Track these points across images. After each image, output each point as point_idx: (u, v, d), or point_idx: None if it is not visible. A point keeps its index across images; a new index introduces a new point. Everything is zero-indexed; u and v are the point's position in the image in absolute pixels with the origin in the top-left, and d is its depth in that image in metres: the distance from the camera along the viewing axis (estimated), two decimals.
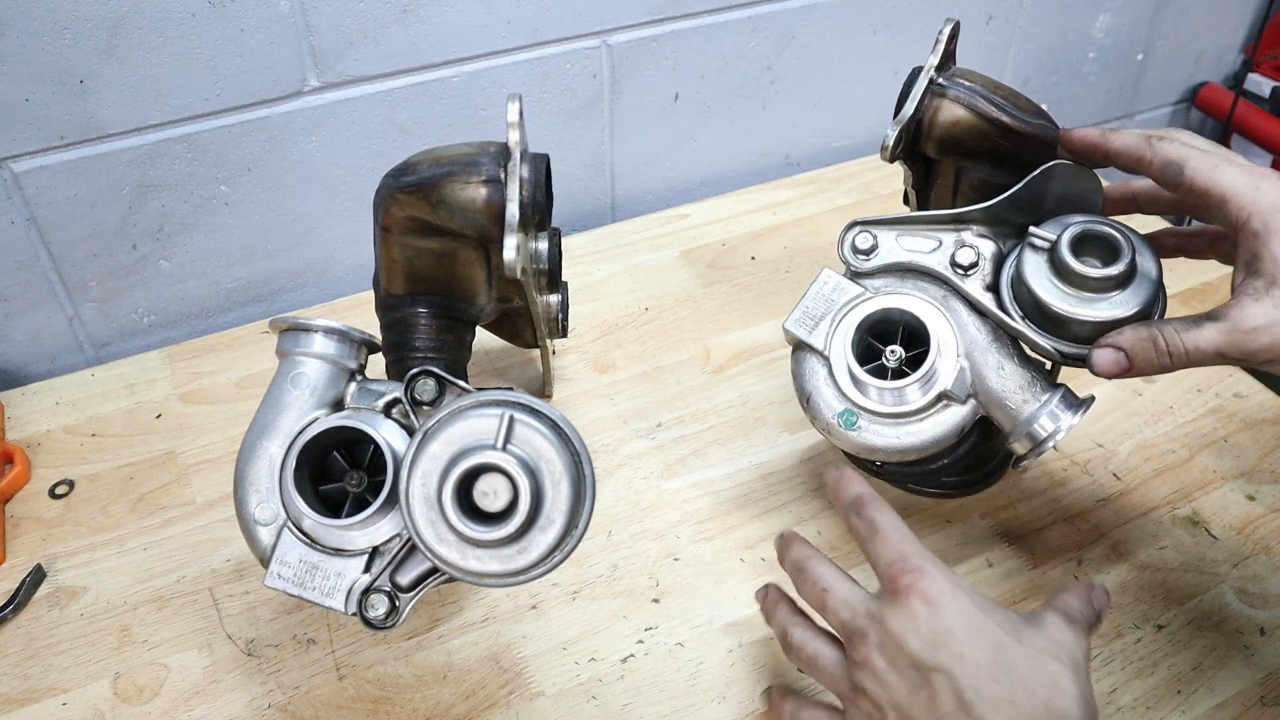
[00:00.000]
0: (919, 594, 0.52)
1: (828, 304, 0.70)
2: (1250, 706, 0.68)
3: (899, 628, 0.52)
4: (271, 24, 0.89)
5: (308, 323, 0.60)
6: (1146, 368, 0.60)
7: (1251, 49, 1.53)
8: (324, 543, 0.58)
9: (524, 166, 0.71)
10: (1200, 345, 0.57)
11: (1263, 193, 0.56)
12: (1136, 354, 0.60)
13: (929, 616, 0.51)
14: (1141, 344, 0.60)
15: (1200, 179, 0.58)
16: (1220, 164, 0.58)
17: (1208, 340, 0.57)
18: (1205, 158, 0.58)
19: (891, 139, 0.72)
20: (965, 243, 0.69)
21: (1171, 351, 0.58)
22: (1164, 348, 0.58)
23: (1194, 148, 0.60)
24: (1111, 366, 0.61)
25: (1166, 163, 0.59)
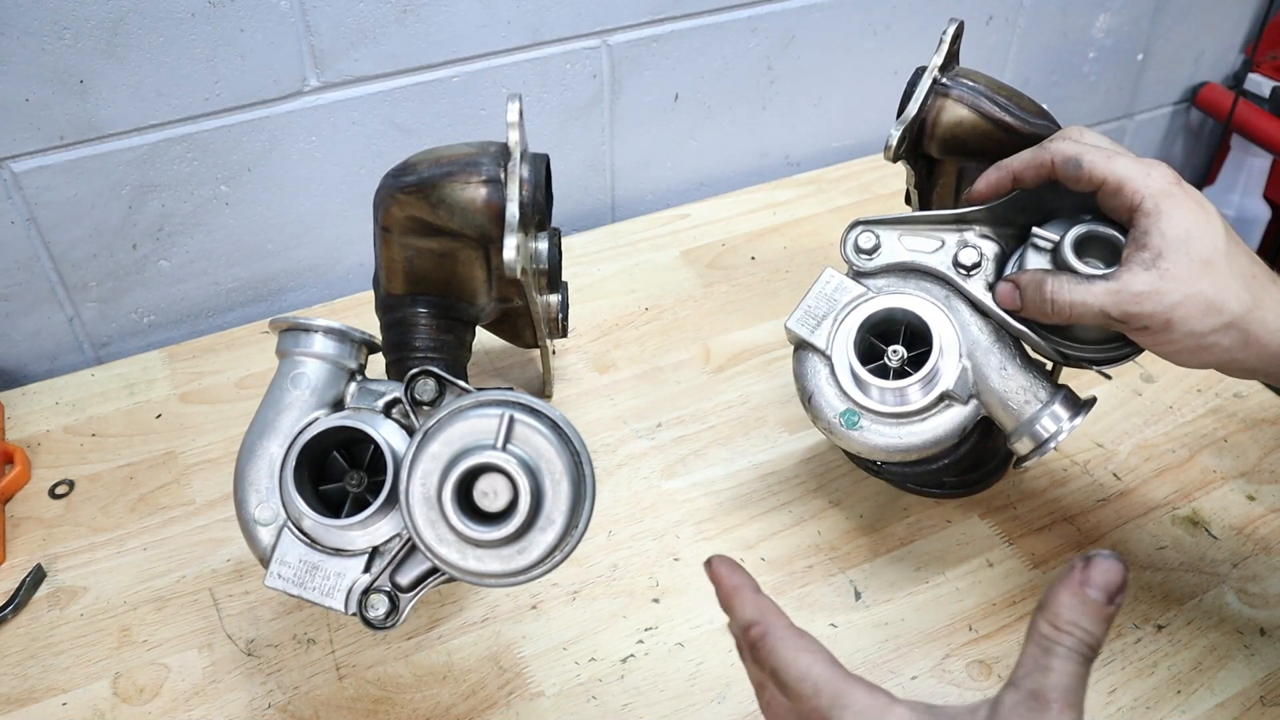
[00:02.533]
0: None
1: (830, 303, 0.70)
2: (1250, 706, 0.68)
3: None
4: (271, 24, 0.89)
5: (308, 323, 0.60)
6: (1031, 309, 0.64)
7: (1251, 49, 1.53)
8: (324, 543, 0.58)
9: (524, 166, 0.71)
10: (1087, 300, 0.61)
11: (1153, 179, 0.61)
12: (1026, 292, 0.64)
13: None
14: (1032, 285, 0.63)
15: (1098, 170, 0.62)
16: (1113, 155, 0.62)
17: (1095, 296, 0.60)
18: (1098, 151, 0.63)
19: (895, 139, 0.72)
20: (968, 243, 0.69)
21: (1055, 300, 0.62)
22: (1047, 294, 0.62)
23: (1086, 144, 0.64)
24: (1006, 299, 0.65)
25: (1065, 159, 0.63)
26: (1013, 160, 0.66)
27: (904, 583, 0.75)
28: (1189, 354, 0.61)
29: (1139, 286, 0.59)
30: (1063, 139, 0.65)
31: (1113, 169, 0.62)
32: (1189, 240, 0.59)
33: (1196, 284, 0.59)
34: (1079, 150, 0.63)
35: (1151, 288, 0.59)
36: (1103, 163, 0.62)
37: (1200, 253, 0.59)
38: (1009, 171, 0.66)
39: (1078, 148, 0.63)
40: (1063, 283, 0.62)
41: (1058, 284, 0.62)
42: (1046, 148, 0.64)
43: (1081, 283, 0.61)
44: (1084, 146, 0.63)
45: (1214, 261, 0.59)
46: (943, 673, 0.69)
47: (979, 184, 0.68)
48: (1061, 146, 0.64)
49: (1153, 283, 0.59)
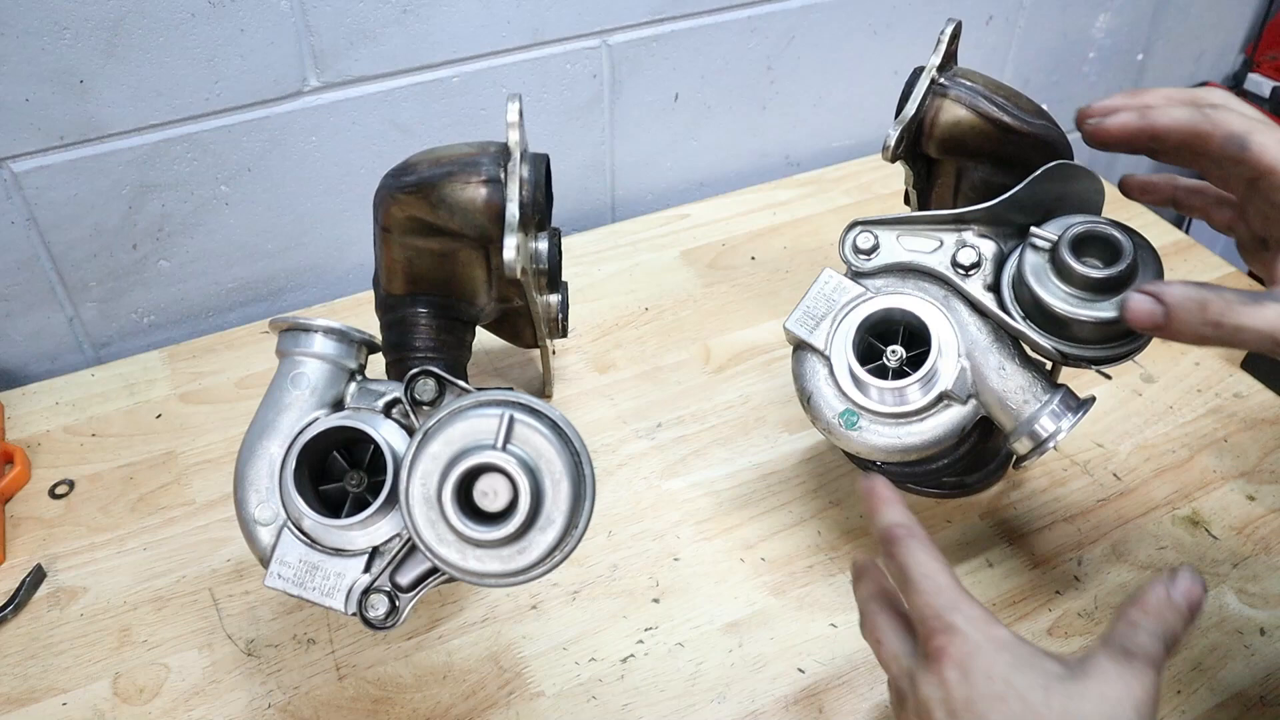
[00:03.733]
0: (949, 658, 0.49)
1: (829, 304, 0.70)
2: (1250, 706, 0.68)
3: (927, 695, 0.49)
4: (271, 24, 0.89)
5: (308, 323, 0.60)
6: (1184, 332, 0.53)
7: (1251, 49, 1.53)
8: (324, 543, 0.58)
9: (524, 166, 0.71)
10: (1257, 325, 0.51)
11: None
12: (1179, 313, 0.53)
13: (956, 684, 0.48)
14: (1189, 304, 0.52)
15: (1267, 156, 0.53)
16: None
17: (1266, 320, 0.51)
18: (1269, 132, 0.54)
19: (893, 139, 0.72)
20: (966, 243, 0.69)
21: (1221, 323, 0.52)
22: (1213, 316, 0.52)
23: (1253, 119, 0.55)
24: (1145, 317, 0.54)
25: (1229, 136, 0.54)
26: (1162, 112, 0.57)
27: None
28: None
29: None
30: (1223, 109, 0.55)
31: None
32: None
33: None
34: (1246, 128, 0.54)
35: None
36: (1274, 148, 0.53)
37: None
38: (1151, 126, 0.57)
39: (1245, 124, 0.54)
40: (1227, 303, 0.52)
41: (1223, 304, 0.52)
42: (1210, 115, 0.55)
43: (1249, 303, 0.52)
44: (1252, 124, 0.54)
45: None
46: None
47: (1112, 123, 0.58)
48: (1227, 119, 0.55)
49: None
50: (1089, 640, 0.71)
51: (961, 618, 0.50)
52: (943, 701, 0.48)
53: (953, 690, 0.48)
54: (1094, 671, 0.48)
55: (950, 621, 0.50)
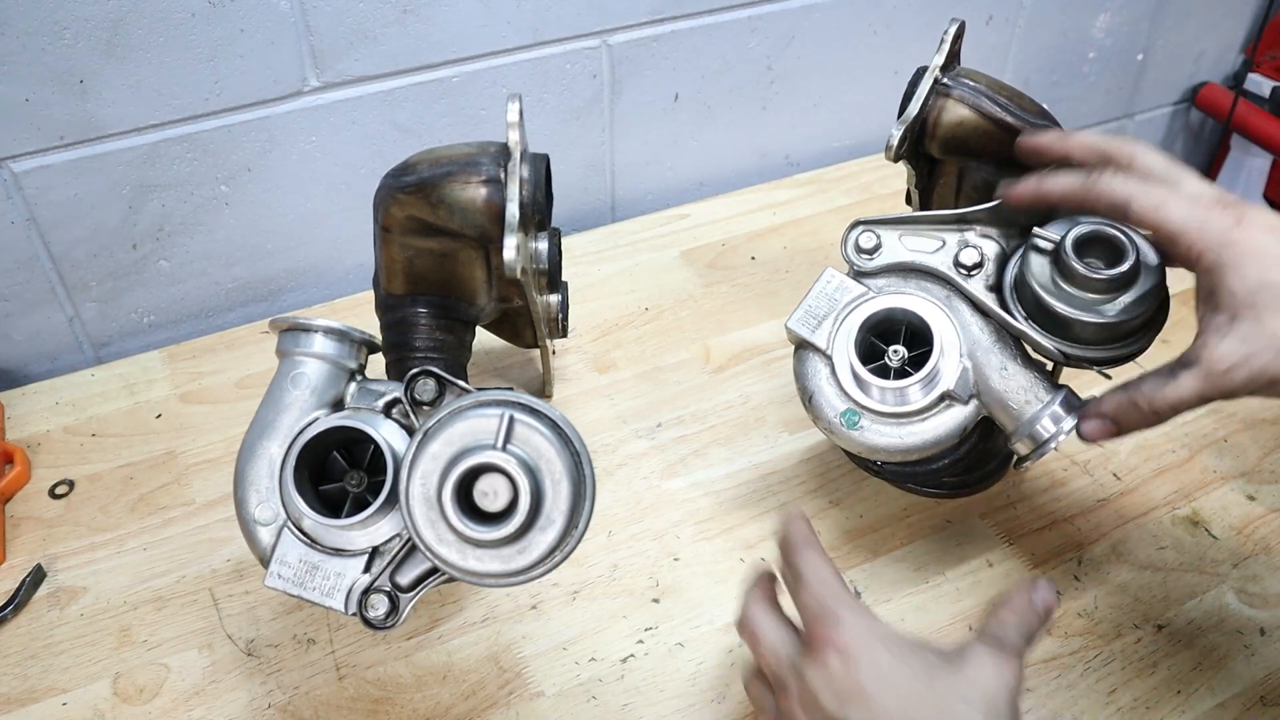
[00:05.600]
0: (833, 646, 0.51)
1: (831, 303, 0.70)
2: (1250, 706, 0.68)
3: (814, 682, 0.51)
4: (271, 24, 0.88)
5: (308, 323, 0.60)
6: (1136, 427, 0.60)
7: (1251, 49, 1.53)
8: (324, 543, 0.58)
9: (524, 166, 0.71)
10: (1182, 396, 0.57)
11: (1209, 227, 0.55)
12: (1121, 418, 0.61)
13: (842, 671, 0.50)
14: (1123, 408, 0.60)
15: (1147, 218, 0.57)
16: (1165, 199, 0.57)
17: (1188, 389, 0.57)
18: (1149, 194, 0.57)
19: (896, 138, 0.72)
20: (969, 243, 0.69)
21: (1156, 409, 0.58)
22: (1146, 408, 0.59)
23: (1137, 181, 0.58)
24: (1099, 433, 0.62)
25: (1111, 203, 0.59)
26: (1055, 183, 0.62)
27: (904, 583, 0.75)
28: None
29: (1225, 360, 0.55)
30: (1109, 174, 0.60)
31: (1164, 219, 0.57)
32: (1263, 288, 0.54)
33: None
34: (1127, 194, 0.58)
35: (1238, 355, 0.55)
36: (1152, 211, 0.57)
37: None
38: (1047, 194, 0.62)
39: (1126, 189, 0.58)
40: (1151, 391, 0.58)
41: (1147, 395, 0.58)
42: (1095, 185, 0.59)
43: (1167, 382, 0.58)
44: (1132, 189, 0.58)
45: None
46: None
47: (1015, 190, 0.64)
48: (1110, 187, 0.59)
49: (1236, 349, 0.55)
50: (1089, 640, 0.71)
51: (847, 610, 0.52)
52: (830, 688, 0.50)
53: (840, 676, 0.50)
54: (971, 660, 0.51)
55: (837, 612, 0.52)
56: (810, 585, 0.54)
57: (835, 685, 0.50)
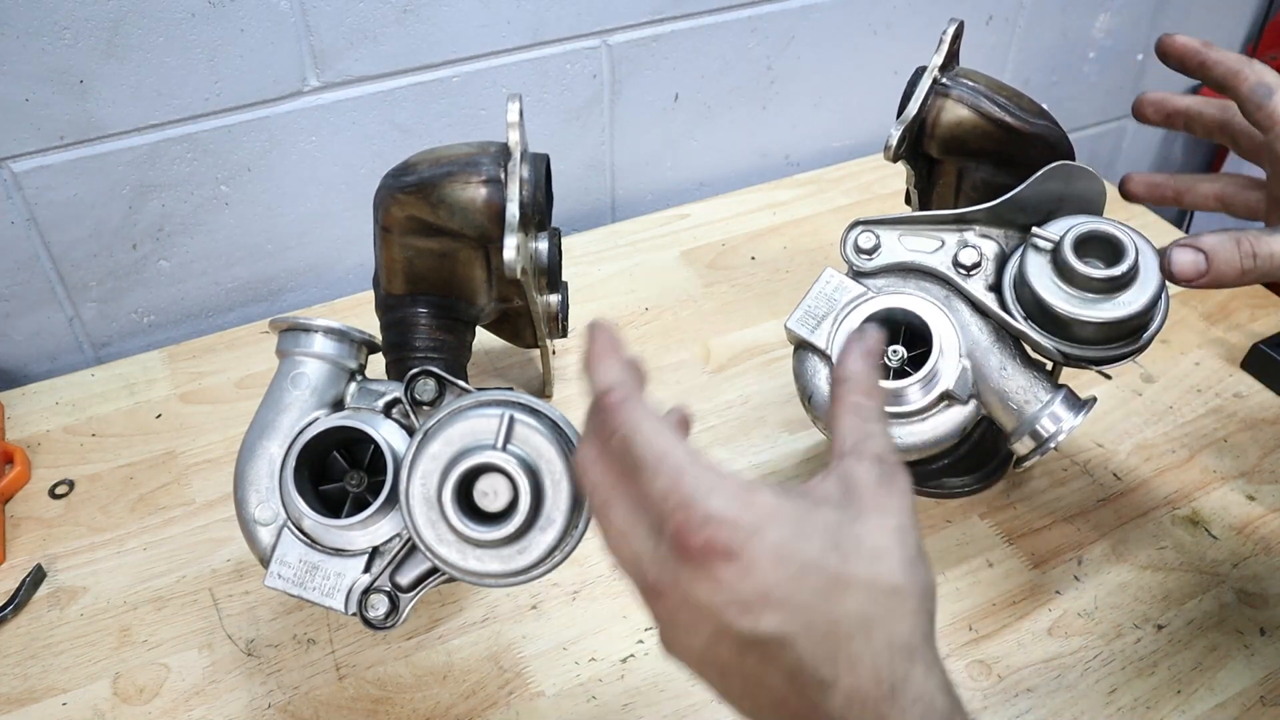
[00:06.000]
0: (719, 554, 0.40)
1: (830, 303, 0.70)
2: (1250, 706, 0.68)
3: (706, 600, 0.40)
4: (271, 24, 0.88)
5: (308, 323, 0.60)
6: (1228, 271, 0.59)
7: (1251, 49, 1.53)
8: (324, 543, 0.58)
9: (524, 166, 0.71)
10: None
11: None
12: (1219, 255, 0.59)
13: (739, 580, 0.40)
14: (1224, 245, 0.59)
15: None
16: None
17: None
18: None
19: (895, 139, 0.72)
20: (968, 243, 0.69)
21: (1257, 253, 0.58)
22: (1249, 249, 0.58)
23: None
24: (1189, 268, 0.59)
25: (1260, 83, 0.60)
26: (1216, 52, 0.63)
27: None
28: None
29: None
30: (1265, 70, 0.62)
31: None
32: None
33: None
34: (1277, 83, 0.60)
35: None
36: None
37: None
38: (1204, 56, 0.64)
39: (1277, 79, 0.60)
40: (1258, 236, 0.59)
41: (1254, 238, 0.59)
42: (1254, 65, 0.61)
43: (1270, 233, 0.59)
44: None
45: None
46: None
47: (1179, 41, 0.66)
48: (1263, 70, 0.61)
49: None
50: (1089, 640, 0.71)
51: (719, 500, 0.40)
52: (730, 604, 0.40)
53: (738, 588, 0.40)
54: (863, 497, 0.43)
55: (707, 510, 0.40)
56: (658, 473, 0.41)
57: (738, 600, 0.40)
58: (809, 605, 0.40)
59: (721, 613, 0.40)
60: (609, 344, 0.47)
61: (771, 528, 0.40)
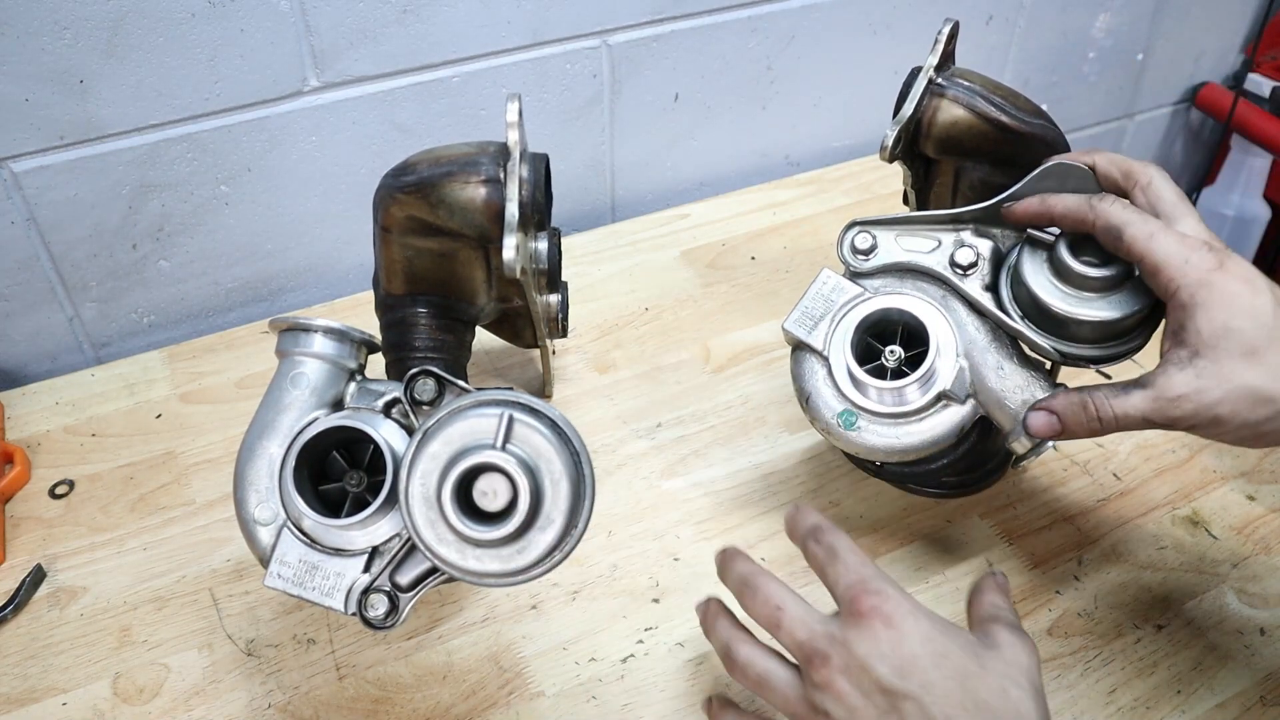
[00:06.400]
0: (882, 617, 0.52)
1: (827, 304, 0.70)
2: (1250, 706, 0.68)
3: (865, 651, 0.51)
4: (271, 24, 0.89)
5: (307, 323, 0.60)
6: (1078, 430, 0.62)
7: (1251, 49, 1.53)
8: (324, 543, 0.58)
9: (524, 166, 0.71)
10: (1128, 411, 0.59)
11: (1192, 266, 0.58)
12: (1067, 417, 0.62)
13: (894, 641, 0.51)
14: (1072, 408, 0.62)
15: (1136, 247, 0.60)
16: (1156, 232, 0.59)
17: (1135, 407, 0.59)
18: (1143, 224, 0.60)
19: (890, 139, 0.72)
20: (964, 242, 0.69)
21: (1101, 417, 0.60)
22: (1093, 413, 0.61)
23: (1134, 211, 0.61)
24: (1044, 428, 0.63)
25: (1107, 226, 0.61)
26: (1058, 202, 0.64)
27: (904, 582, 0.75)
28: (1250, 441, 0.58)
29: (1177, 390, 0.57)
30: (1110, 200, 0.62)
31: (1151, 249, 0.59)
32: (1228, 333, 0.56)
33: (1240, 378, 0.56)
34: (1123, 220, 0.60)
35: (1190, 389, 0.57)
36: (1143, 240, 0.59)
37: (1241, 344, 0.56)
38: (1049, 211, 0.65)
39: (1123, 217, 0.61)
40: (1102, 399, 0.60)
41: (1098, 402, 0.60)
42: (1095, 207, 0.62)
43: (1119, 395, 0.60)
44: (1130, 215, 0.60)
45: (1259, 350, 0.56)
46: None
47: (1019, 208, 0.66)
48: (1108, 211, 0.61)
49: (1189, 383, 0.57)
50: (1089, 640, 0.71)
51: (888, 584, 0.54)
52: (885, 657, 0.50)
53: (892, 646, 0.51)
54: (1002, 641, 0.55)
55: (879, 586, 0.53)
56: (847, 560, 0.55)
57: (887, 655, 0.50)
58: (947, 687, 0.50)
59: (872, 664, 0.50)
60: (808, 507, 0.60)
61: (924, 618, 0.52)
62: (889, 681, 0.50)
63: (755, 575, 0.58)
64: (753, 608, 0.57)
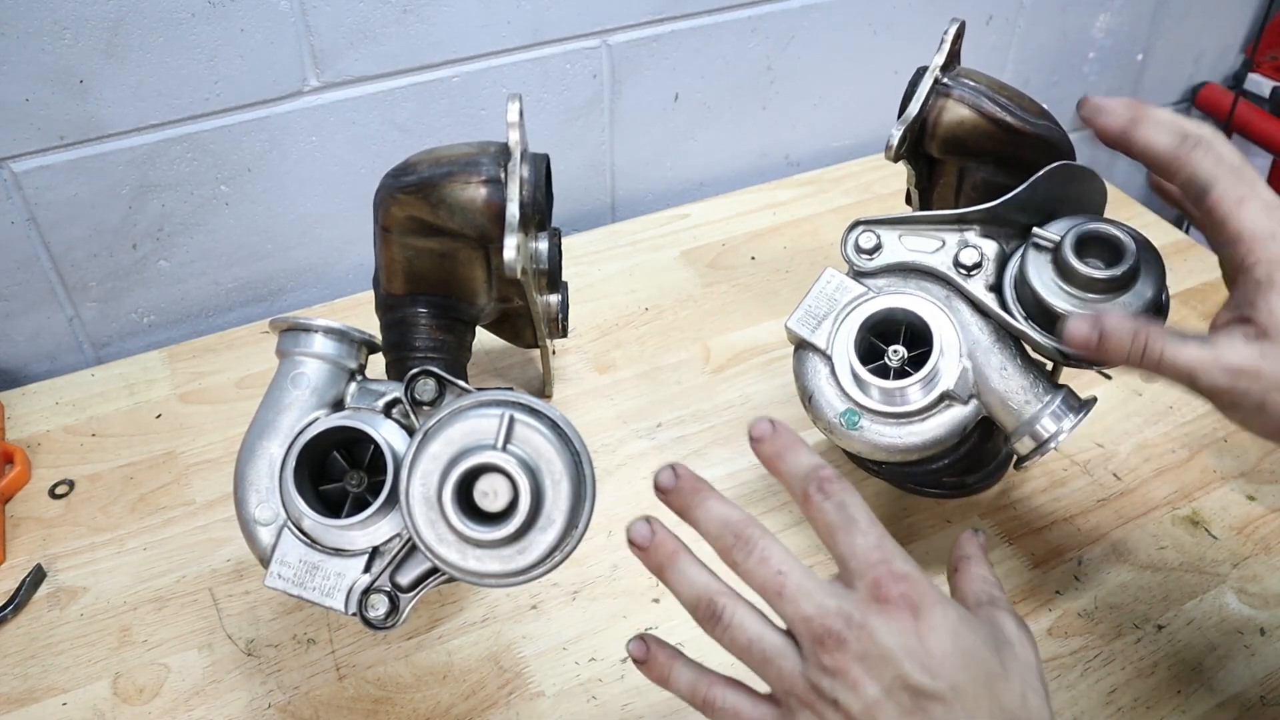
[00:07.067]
0: (910, 605, 0.47)
1: (830, 303, 0.70)
2: (1250, 706, 0.68)
3: (890, 643, 0.46)
4: (271, 24, 0.89)
5: (308, 323, 0.60)
6: (1115, 354, 0.57)
7: (1251, 49, 1.53)
8: (324, 543, 0.58)
9: (524, 166, 0.71)
10: (1179, 360, 0.55)
11: (1277, 242, 0.54)
12: (1112, 337, 0.56)
13: (922, 634, 0.46)
14: (1121, 330, 0.56)
15: (1221, 208, 0.55)
16: (1248, 197, 0.55)
17: (1188, 358, 0.55)
18: (1235, 185, 0.55)
19: (896, 138, 0.72)
20: (968, 243, 0.69)
21: (1148, 352, 0.56)
22: (1142, 344, 0.56)
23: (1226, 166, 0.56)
24: (1081, 339, 0.57)
25: (1193, 178, 0.56)
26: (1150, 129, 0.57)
27: None
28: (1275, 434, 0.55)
29: (1237, 361, 0.54)
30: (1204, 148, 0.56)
31: (1238, 216, 0.55)
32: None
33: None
34: (1213, 176, 0.55)
35: (1251, 365, 0.53)
36: (1231, 205, 0.55)
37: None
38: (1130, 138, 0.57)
39: (1214, 172, 0.55)
40: (1157, 335, 0.55)
41: (1151, 336, 0.55)
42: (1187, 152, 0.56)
43: (1175, 339, 0.55)
44: (1221, 171, 0.55)
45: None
46: None
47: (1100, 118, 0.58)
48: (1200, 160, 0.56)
49: (1253, 360, 0.53)
50: (1089, 640, 0.71)
51: (912, 564, 0.49)
52: (913, 651, 0.46)
53: (922, 639, 0.46)
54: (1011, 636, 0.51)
55: (906, 569, 0.48)
56: (867, 530, 0.49)
57: (915, 649, 0.46)
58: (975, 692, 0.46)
59: (896, 656, 0.46)
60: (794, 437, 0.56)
61: (952, 609, 0.48)
62: (917, 679, 0.46)
63: (747, 526, 0.52)
64: (746, 565, 0.51)
